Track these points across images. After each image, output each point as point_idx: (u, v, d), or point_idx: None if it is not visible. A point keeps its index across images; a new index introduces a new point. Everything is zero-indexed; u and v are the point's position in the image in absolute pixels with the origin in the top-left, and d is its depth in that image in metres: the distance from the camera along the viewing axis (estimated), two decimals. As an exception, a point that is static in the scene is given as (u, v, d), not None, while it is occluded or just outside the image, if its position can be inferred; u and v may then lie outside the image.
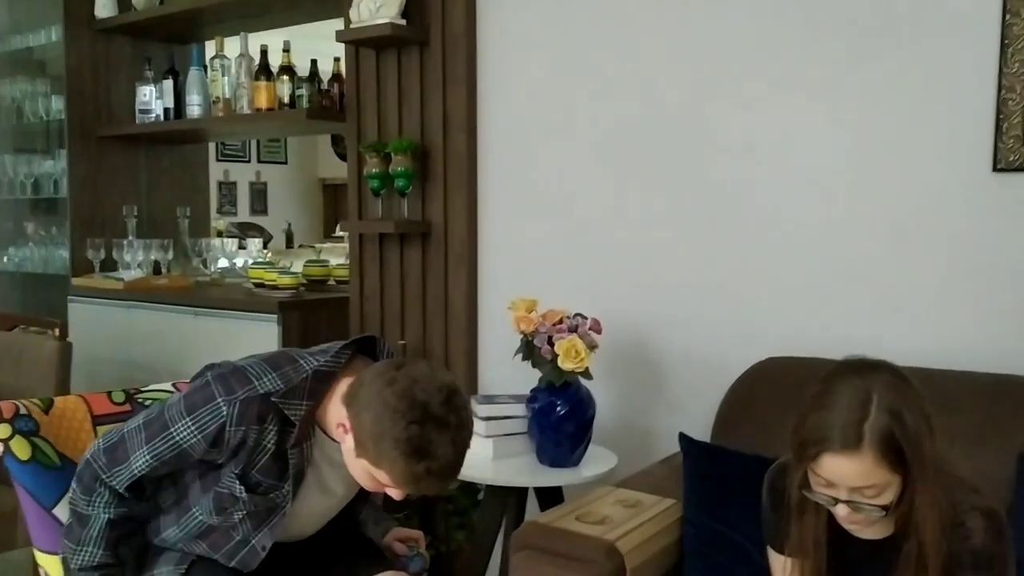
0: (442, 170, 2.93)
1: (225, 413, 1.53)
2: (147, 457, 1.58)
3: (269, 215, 8.92)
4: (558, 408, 2.31)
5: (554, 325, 2.29)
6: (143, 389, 2.06)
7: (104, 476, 1.61)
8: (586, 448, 2.38)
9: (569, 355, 2.22)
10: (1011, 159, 2.04)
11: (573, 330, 2.28)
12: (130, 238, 3.79)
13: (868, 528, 1.36)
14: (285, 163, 9.26)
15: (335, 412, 1.58)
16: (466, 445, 1.51)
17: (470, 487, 2.77)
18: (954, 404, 1.88)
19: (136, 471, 1.59)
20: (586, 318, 2.33)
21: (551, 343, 2.26)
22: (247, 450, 1.56)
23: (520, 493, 2.38)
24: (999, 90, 2.05)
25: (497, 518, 2.42)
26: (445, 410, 1.46)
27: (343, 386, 1.58)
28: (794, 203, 2.36)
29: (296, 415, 1.57)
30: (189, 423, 1.55)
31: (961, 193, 2.13)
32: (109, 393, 2.00)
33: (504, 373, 2.86)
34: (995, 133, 2.05)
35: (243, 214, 8.78)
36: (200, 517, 1.65)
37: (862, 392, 1.28)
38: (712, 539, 1.88)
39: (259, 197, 9.11)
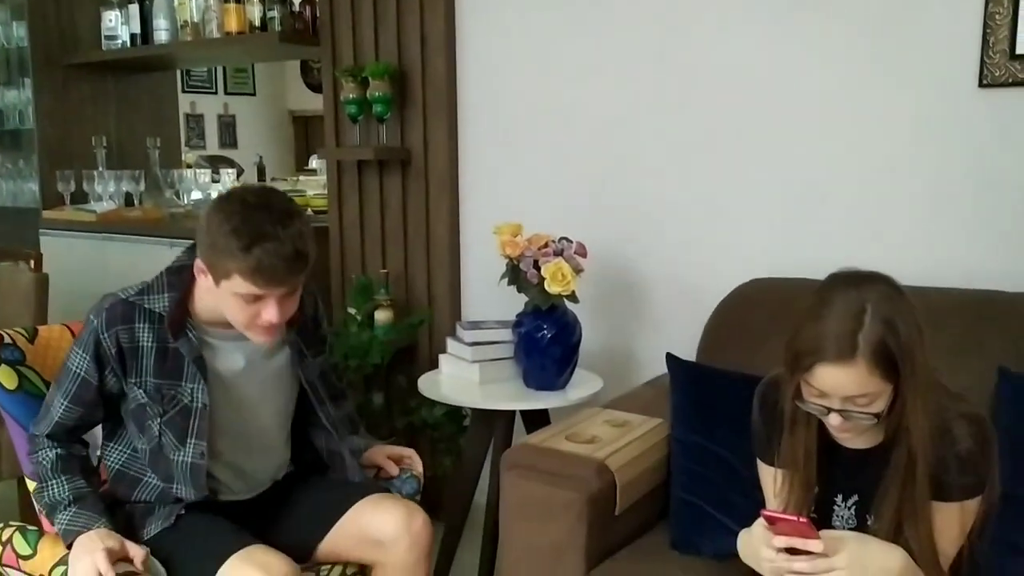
0: (421, 95, 2.88)
1: (95, 324, 1.65)
2: (60, 398, 1.68)
3: (239, 148, 8.75)
4: (544, 332, 2.32)
5: (540, 249, 2.29)
6: None
7: (35, 431, 1.72)
8: (572, 372, 2.40)
9: (555, 278, 2.22)
10: (997, 75, 2.03)
11: (559, 254, 2.28)
12: (100, 169, 3.72)
13: (858, 437, 1.39)
14: (253, 94, 9.04)
15: (202, 286, 1.65)
16: (299, 230, 1.57)
17: (456, 413, 2.79)
18: (936, 320, 1.88)
19: (55, 415, 1.69)
20: (571, 242, 2.33)
21: (537, 267, 2.25)
22: (129, 355, 1.65)
23: (507, 417, 2.40)
24: (986, 4, 2.02)
25: (484, 442, 2.45)
26: (263, 198, 1.58)
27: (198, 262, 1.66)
28: (777, 123, 2.35)
29: (160, 306, 1.66)
30: (77, 349, 1.67)
31: (946, 110, 2.12)
32: (93, 321, 1.97)
33: (487, 301, 2.86)
34: (981, 48, 2.04)
35: (212, 147, 8.61)
36: (140, 446, 1.72)
37: (857, 303, 1.29)
38: (699, 456, 1.91)
39: (228, 130, 8.91)
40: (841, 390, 1.29)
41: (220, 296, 1.60)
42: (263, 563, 1.55)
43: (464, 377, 2.47)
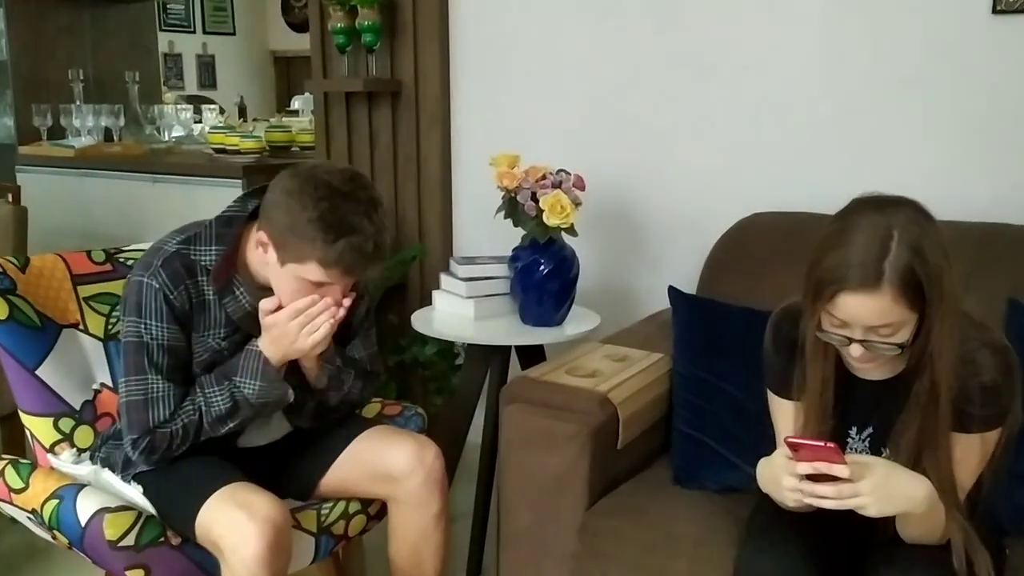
0: (411, 23, 2.78)
1: (157, 284, 1.53)
2: (154, 377, 1.55)
3: (218, 89, 8.56)
4: (541, 266, 2.26)
5: (537, 181, 2.22)
6: (124, 248, 1.95)
7: (151, 425, 1.55)
8: (570, 307, 2.35)
9: (554, 210, 2.16)
10: (1011, 0, 1.97)
11: (557, 186, 2.22)
12: (78, 104, 3.60)
13: (878, 369, 1.34)
14: (233, 34, 8.84)
15: (255, 253, 1.56)
16: (382, 222, 1.50)
17: (447, 351, 2.75)
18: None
19: (160, 393, 1.56)
20: (569, 174, 2.27)
21: (535, 199, 2.19)
22: (197, 310, 1.57)
23: (503, 353, 2.36)
24: (1003, -74, 1.96)
25: (480, 379, 2.41)
26: (351, 186, 1.48)
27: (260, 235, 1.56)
28: (781, 52, 2.28)
29: (207, 259, 1.57)
30: (145, 320, 1.54)
31: (959, 37, 2.06)
32: (88, 252, 1.90)
33: (479, 237, 2.80)
34: (996, -27, 1.98)
35: (191, 88, 8.42)
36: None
37: (882, 228, 1.23)
38: (702, 389, 1.88)
39: (207, 70, 8.71)
40: (864, 319, 1.23)
41: (278, 274, 1.52)
42: (244, 501, 1.48)
43: (459, 313, 2.42)
